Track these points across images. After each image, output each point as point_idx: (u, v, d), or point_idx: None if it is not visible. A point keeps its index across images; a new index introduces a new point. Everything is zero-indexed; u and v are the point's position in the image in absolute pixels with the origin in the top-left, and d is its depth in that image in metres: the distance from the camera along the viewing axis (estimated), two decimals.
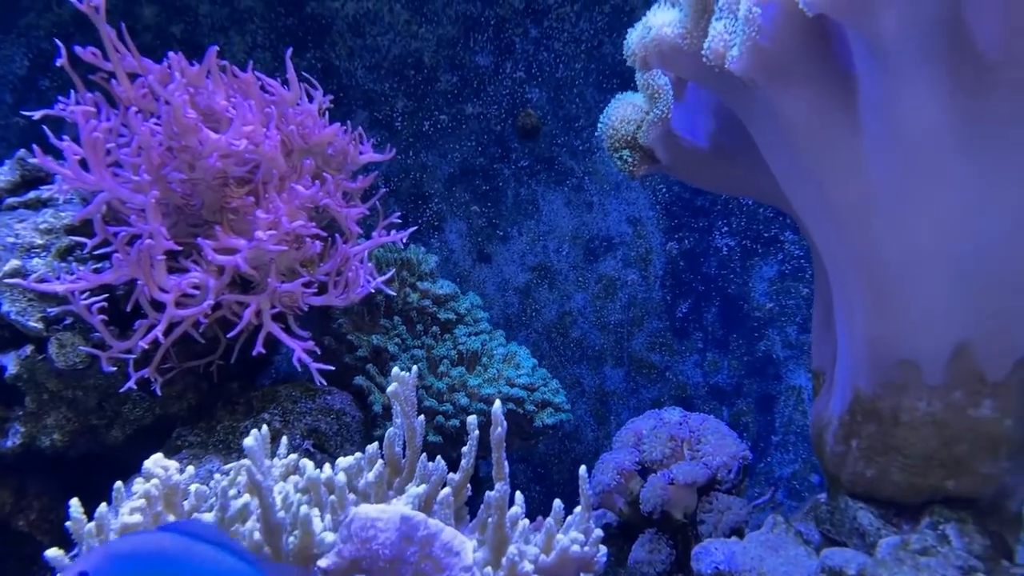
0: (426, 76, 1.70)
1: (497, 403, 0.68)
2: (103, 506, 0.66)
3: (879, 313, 0.79)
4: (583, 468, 0.70)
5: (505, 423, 0.68)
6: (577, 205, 1.73)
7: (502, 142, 1.72)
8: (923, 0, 0.60)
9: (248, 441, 0.60)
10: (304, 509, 0.59)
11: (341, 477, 0.65)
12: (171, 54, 0.94)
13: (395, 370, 0.80)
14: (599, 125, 0.96)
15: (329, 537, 0.60)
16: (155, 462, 0.74)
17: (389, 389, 0.79)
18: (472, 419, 0.77)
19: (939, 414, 0.80)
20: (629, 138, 0.93)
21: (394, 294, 1.12)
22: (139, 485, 0.71)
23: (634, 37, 0.83)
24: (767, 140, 0.81)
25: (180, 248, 0.90)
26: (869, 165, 0.72)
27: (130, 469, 0.86)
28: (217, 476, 0.77)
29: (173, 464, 0.75)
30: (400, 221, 1.15)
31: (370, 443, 0.82)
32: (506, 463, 0.68)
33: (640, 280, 1.73)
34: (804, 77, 0.73)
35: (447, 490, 0.69)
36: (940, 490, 0.83)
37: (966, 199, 0.70)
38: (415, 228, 1.14)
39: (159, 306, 0.90)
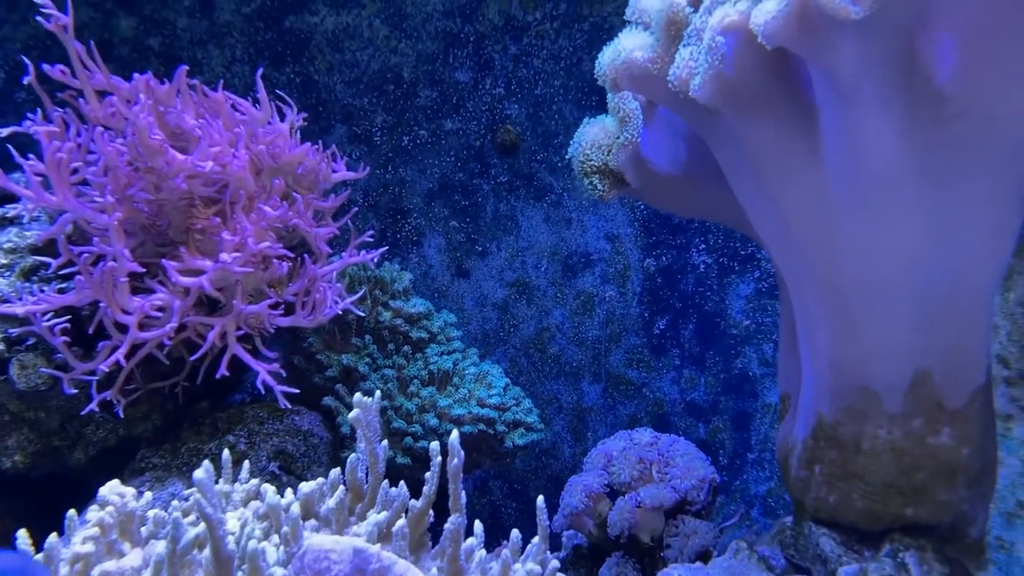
0: (405, 91, 1.70)
1: (454, 433, 0.68)
2: (53, 536, 0.65)
3: (840, 339, 0.80)
4: (540, 499, 0.70)
5: (462, 453, 0.68)
6: (556, 221, 1.74)
7: (481, 158, 1.72)
8: (877, 36, 0.60)
9: (198, 474, 0.60)
10: (252, 544, 0.59)
11: (295, 509, 0.65)
12: (137, 75, 0.93)
13: (357, 395, 0.80)
14: (570, 149, 0.96)
15: (278, 573, 0.59)
16: (111, 489, 0.73)
17: (350, 415, 0.79)
18: (435, 445, 0.76)
19: (899, 442, 0.81)
20: (599, 164, 0.94)
21: (363, 314, 1.12)
22: (93, 513, 0.71)
23: (605, 59, 0.84)
24: (731, 166, 0.82)
25: (144, 270, 0.90)
26: (830, 193, 0.73)
27: (93, 491, 0.85)
28: (175, 503, 0.76)
29: (130, 491, 0.74)
30: (372, 240, 1.15)
31: (338, 464, 0.82)
32: (463, 494, 0.68)
33: (618, 296, 1.73)
34: (767, 106, 0.73)
35: (402, 521, 0.69)
36: (900, 517, 0.83)
37: (925, 229, 0.71)
38: (386, 248, 1.14)
39: (123, 328, 0.89)
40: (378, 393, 0.82)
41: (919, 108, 0.64)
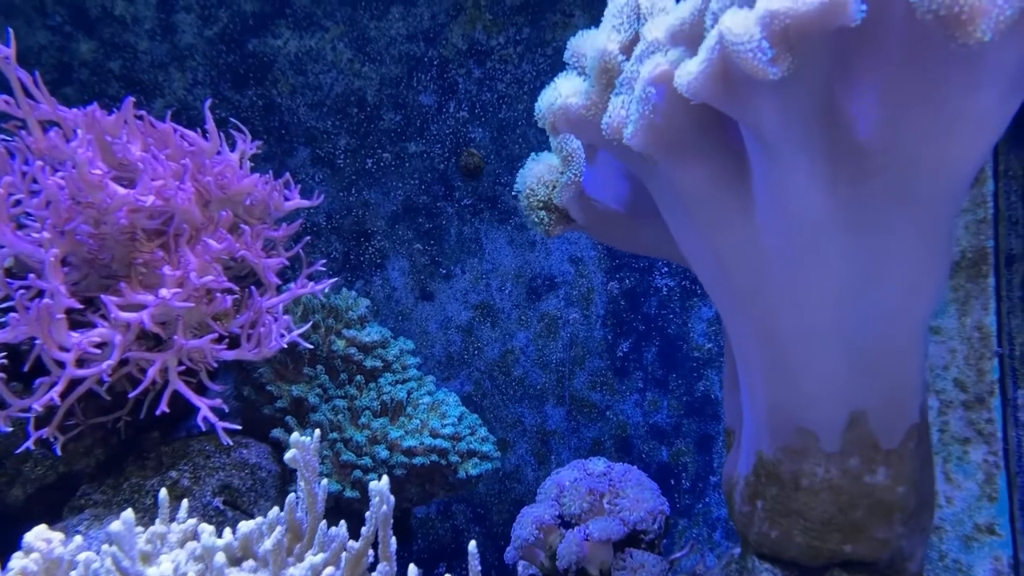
0: (369, 114, 1.70)
1: (385, 479, 0.68)
2: None
3: (776, 381, 0.81)
4: (472, 544, 0.70)
5: (392, 499, 0.68)
6: (520, 244, 1.74)
7: (445, 180, 1.73)
8: (797, 94, 0.61)
9: (115, 526, 0.59)
10: None
11: (220, 558, 0.64)
12: (76, 110, 0.92)
13: (294, 435, 0.79)
14: (516, 185, 0.96)
15: None
16: (36, 535, 0.72)
17: (286, 456, 0.78)
18: (373, 485, 0.76)
19: (836, 480, 0.81)
20: (545, 199, 0.94)
21: (311, 347, 1.11)
22: (17, 560, 0.70)
23: (544, 103, 0.84)
24: (668, 209, 0.82)
25: (82, 306, 0.89)
26: (761, 241, 0.74)
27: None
28: (105, 547, 0.75)
29: (57, 536, 0.73)
30: (324, 269, 1.15)
31: (287, 497, 0.81)
32: (392, 540, 0.68)
33: (582, 319, 1.74)
34: (699, 153, 0.74)
35: (330, 571, 0.68)
36: (839, 554, 0.84)
37: (853, 276, 0.72)
38: (336, 279, 1.13)
39: (62, 364, 0.88)
40: (317, 432, 0.82)
41: (842, 161, 0.65)
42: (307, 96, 1.67)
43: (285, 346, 0.99)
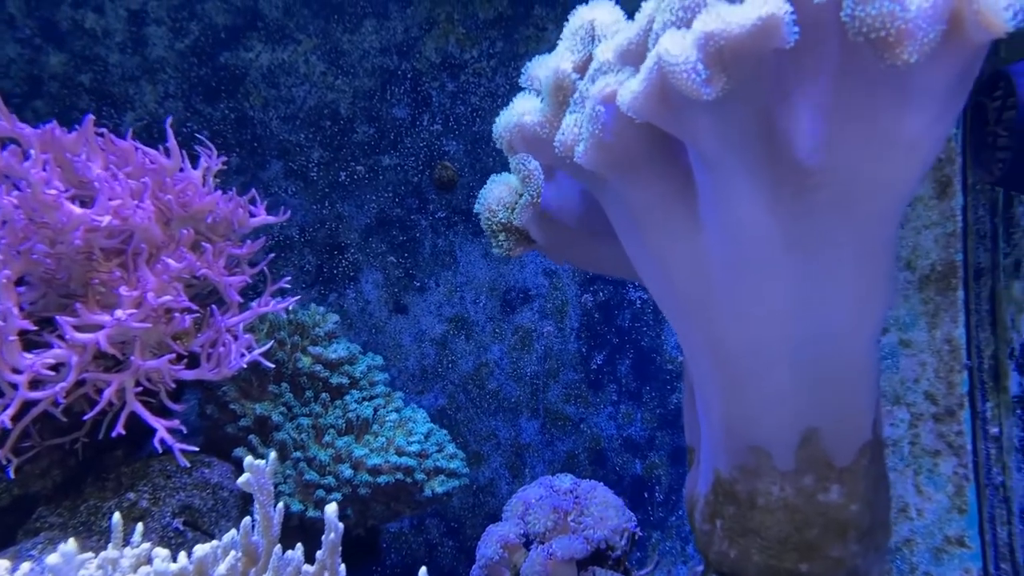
0: (342, 127, 1.70)
1: (333, 506, 0.68)
2: None
3: (728, 400, 0.81)
4: (423, 570, 0.70)
5: (340, 527, 0.67)
6: (494, 257, 1.74)
7: (419, 193, 1.73)
8: (734, 113, 0.62)
9: (52, 559, 0.58)
10: None
11: None
12: (34, 129, 0.92)
13: (248, 458, 0.78)
14: (476, 207, 0.96)
15: None
16: None
17: (240, 480, 0.78)
18: (326, 510, 0.76)
19: (791, 499, 0.82)
20: (505, 221, 0.94)
21: (272, 366, 1.11)
22: None
23: (501, 122, 0.84)
24: (621, 226, 0.82)
25: (35, 328, 0.88)
26: (709, 257, 0.74)
27: None
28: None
29: (3, 564, 0.72)
30: (289, 286, 1.14)
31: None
32: (342, 568, 0.67)
33: (556, 332, 1.74)
34: (648, 171, 0.74)
35: None
36: (796, 573, 0.84)
37: (800, 294, 0.72)
38: (299, 296, 1.13)
39: (14, 386, 0.87)
40: (273, 453, 0.81)
41: (783, 179, 0.65)
42: (280, 109, 1.67)
43: (245, 365, 0.98)
